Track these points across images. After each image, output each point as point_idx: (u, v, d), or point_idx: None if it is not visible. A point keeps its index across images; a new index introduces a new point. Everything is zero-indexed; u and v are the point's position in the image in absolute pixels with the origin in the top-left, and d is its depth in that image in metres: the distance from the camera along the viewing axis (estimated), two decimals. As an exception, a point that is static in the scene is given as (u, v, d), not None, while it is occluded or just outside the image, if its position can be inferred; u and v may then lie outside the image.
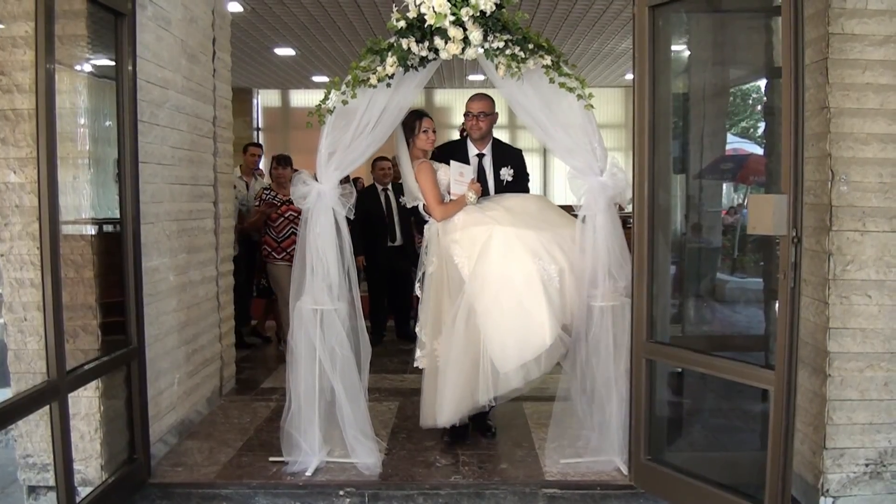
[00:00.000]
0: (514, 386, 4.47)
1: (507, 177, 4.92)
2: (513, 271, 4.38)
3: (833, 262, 3.75)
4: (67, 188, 3.86)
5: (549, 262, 4.37)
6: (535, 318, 4.32)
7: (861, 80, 3.71)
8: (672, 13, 4.21)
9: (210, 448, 4.85)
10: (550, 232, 4.46)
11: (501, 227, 4.45)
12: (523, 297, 4.35)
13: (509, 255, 4.39)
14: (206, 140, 5.55)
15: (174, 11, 4.88)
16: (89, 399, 3.97)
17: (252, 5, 9.64)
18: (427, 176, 4.68)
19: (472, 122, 4.93)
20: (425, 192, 4.69)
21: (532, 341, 4.34)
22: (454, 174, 4.70)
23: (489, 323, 4.39)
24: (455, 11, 3.95)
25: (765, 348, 4.27)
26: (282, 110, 17.64)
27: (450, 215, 4.64)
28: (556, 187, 16.82)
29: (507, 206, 4.63)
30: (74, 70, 4.01)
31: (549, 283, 4.34)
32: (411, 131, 4.73)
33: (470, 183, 4.70)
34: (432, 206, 4.65)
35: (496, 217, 4.52)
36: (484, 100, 4.95)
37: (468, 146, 5.00)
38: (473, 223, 4.56)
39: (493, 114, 4.95)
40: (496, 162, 4.96)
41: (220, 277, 5.83)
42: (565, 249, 4.41)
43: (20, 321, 3.90)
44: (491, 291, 4.39)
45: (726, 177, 5.31)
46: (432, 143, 4.78)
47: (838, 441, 3.81)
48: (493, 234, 4.45)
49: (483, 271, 4.42)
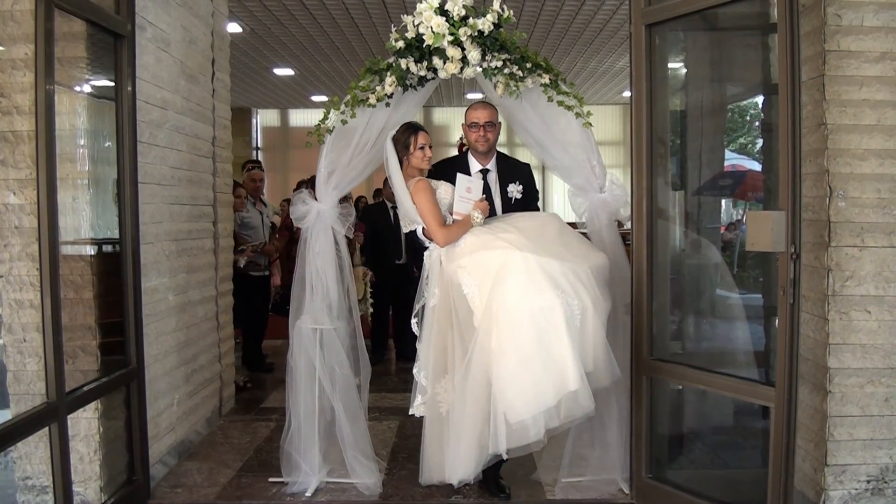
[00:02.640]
0: (533, 438, 3.80)
1: (515, 194, 4.43)
2: (533, 305, 3.77)
3: (832, 277, 3.75)
4: (67, 209, 3.87)
5: (573, 296, 3.79)
6: (556, 359, 3.73)
7: (858, 97, 3.72)
8: (669, 31, 4.23)
9: (209, 469, 4.83)
10: (573, 262, 3.91)
11: (521, 252, 3.85)
12: (543, 335, 3.75)
13: (530, 285, 3.80)
14: (205, 160, 5.56)
15: (173, 33, 4.91)
16: (89, 420, 3.96)
17: (251, 26, 9.68)
18: (425, 195, 4.14)
19: (477, 134, 4.38)
20: (424, 214, 4.14)
21: (552, 386, 3.73)
22: (460, 190, 4.17)
23: (503, 364, 3.77)
24: (453, 31, 3.97)
25: (765, 365, 4.26)
26: (281, 130, 17.68)
27: (454, 239, 4.09)
28: (555, 204, 16.83)
29: (522, 228, 4.08)
30: (74, 91, 4.02)
31: (572, 320, 3.76)
32: (405, 148, 4.21)
33: (476, 201, 4.18)
34: (433, 229, 4.11)
35: (512, 241, 3.94)
36: (488, 108, 4.41)
37: (469, 162, 4.47)
38: (484, 246, 3.99)
39: (499, 124, 4.46)
40: (502, 178, 4.46)
41: (220, 297, 5.83)
42: (587, 285, 3.87)
43: (19, 342, 3.89)
44: (507, 327, 3.78)
45: (725, 193, 5.32)
46: (429, 160, 4.26)
47: (839, 457, 3.79)
48: (509, 261, 3.86)
49: (497, 304, 3.81)
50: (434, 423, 4.14)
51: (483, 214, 4.15)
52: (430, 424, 4.16)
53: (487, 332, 3.82)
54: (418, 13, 4.01)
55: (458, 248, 4.09)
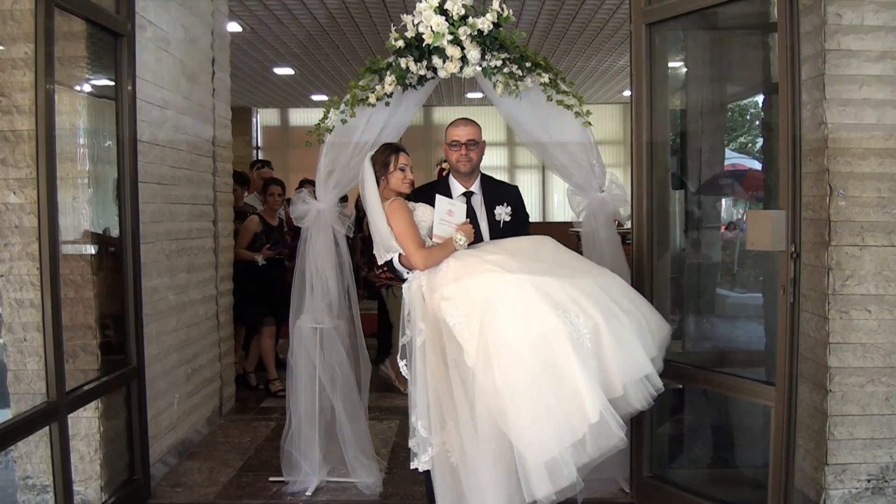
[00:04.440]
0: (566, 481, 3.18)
1: (504, 216, 4.03)
2: (533, 332, 3.27)
3: (832, 276, 3.75)
4: (67, 208, 3.87)
5: (579, 314, 3.27)
6: (569, 391, 3.20)
7: (858, 96, 3.72)
8: (668, 30, 4.23)
9: (210, 468, 4.83)
10: (573, 279, 3.43)
11: (512, 275, 3.38)
12: (550, 364, 3.23)
13: (527, 310, 3.30)
14: (205, 159, 5.56)
15: (174, 32, 4.91)
16: (89, 419, 3.97)
17: (251, 25, 9.67)
18: (402, 215, 3.70)
19: (458, 153, 4.00)
20: (401, 235, 3.68)
21: (571, 420, 3.18)
22: (440, 212, 3.77)
23: (513, 403, 3.23)
24: (453, 31, 3.97)
25: (766, 364, 4.26)
26: (281, 129, 17.65)
27: (435, 262, 3.63)
28: (554, 204, 16.83)
29: (511, 250, 3.63)
30: (74, 91, 4.02)
31: (580, 342, 3.23)
32: (384, 167, 3.83)
33: (459, 224, 3.76)
34: (411, 251, 3.64)
35: (500, 263, 3.47)
36: (471, 125, 4.05)
37: (451, 185, 4.09)
38: (469, 271, 3.50)
39: (483, 142, 4.09)
40: (488, 200, 4.07)
41: (220, 296, 5.83)
42: (596, 299, 3.36)
43: (20, 342, 3.90)
44: (508, 362, 3.26)
45: (725, 192, 5.32)
46: (410, 183, 3.85)
47: (840, 457, 3.79)
48: (499, 287, 3.37)
49: (493, 338, 3.29)
50: (445, 476, 3.56)
51: (467, 238, 3.69)
52: (442, 478, 3.58)
53: (486, 371, 3.28)
54: (418, 12, 4.01)
55: (439, 273, 3.61)
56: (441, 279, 3.58)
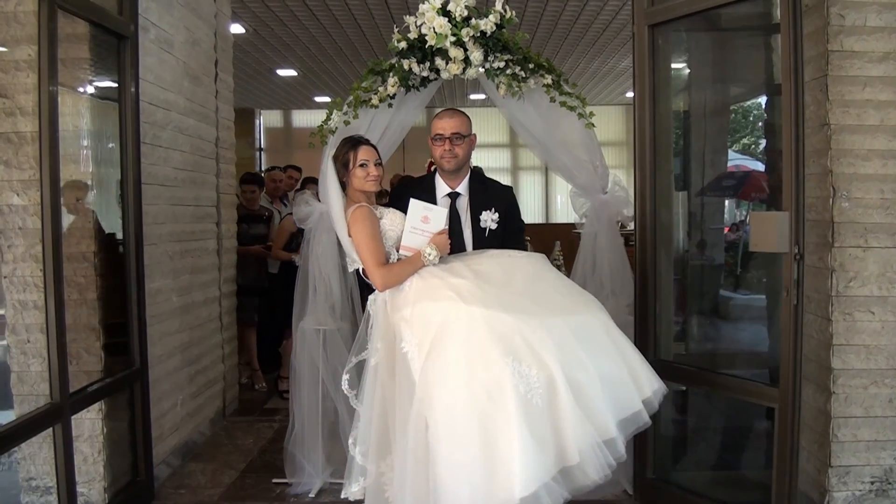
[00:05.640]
0: None
1: (489, 223, 3.68)
2: (474, 378, 2.87)
3: (836, 278, 3.75)
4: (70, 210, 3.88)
5: (531, 364, 2.84)
6: (498, 455, 2.77)
7: (861, 97, 3.72)
8: (671, 31, 4.23)
9: (213, 470, 4.83)
10: (542, 318, 2.99)
11: (466, 305, 3.01)
12: (487, 423, 2.80)
13: (472, 351, 2.92)
14: (208, 161, 5.57)
15: (176, 34, 4.91)
16: (92, 421, 3.97)
17: (254, 27, 9.68)
18: (363, 225, 3.35)
19: (442, 148, 3.67)
20: (360, 249, 3.36)
21: (492, 491, 2.76)
22: (413, 219, 3.38)
23: (437, 460, 2.85)
24: (456, 32, 3.97)
25: (769, 365, 4.26)
26: (284, 130, 17.67)
27: (396, 281, 3.29)
28: (558, 205, 16.82)
29: (481, 271, 3.24)
30: (77, 92, 4.03)
31: (527, 397, 2.80)
32: (344, 167, 3.50)
33: (435, 234, 3.38)
34: (370, 267, 3.32)
35: (460, 289, 3.10)
36: (457, 116, 3.72)
37: (436, 183, 3.78)
38: (428, 295, 3.18)
39: (471, 136, 3.76)
40: (475, 203, 3.72)
41: (223, 298, 5.84)
42: (560, 346, 2.92)
43: (23, 343, 3.90)
44: (441, 411, 2.89)
45: (728, 193, 5.31)
46: (375, 181, 3.50)
47: (843, 459, 3.79)
48: (451, 317, 3.02)
49: (434, 376, 2.95)
50: None
51: (440, 251, 3.33)
52: None
53: (420, 414, 2.95)
54: (421, 14, 4.01)
55: (402, 293, 3.28)
56: (403, 299, 3.25)
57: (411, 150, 8.15)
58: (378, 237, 3.37)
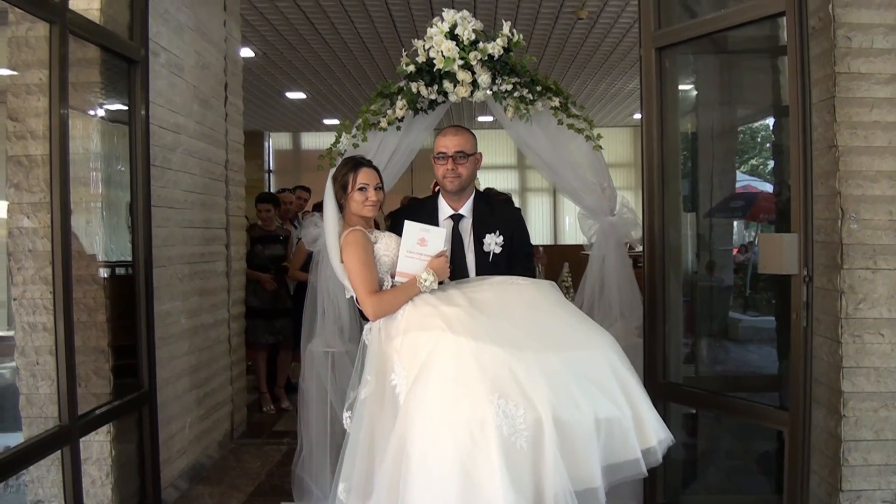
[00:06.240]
0: None
1: (493, 247, 3.50)
2: (457, 416, 2.69)
3: (845, 300, 3.73)
4: (80, 232, 3.90)
5: (519, 403, 2.66)
6: (482, 497, 2.60)
7: (869, 119, 3.72)
8: (679, 54, 4.24)
9: (221, 493, 4.82)
10: (537, 352, 2.80)
11: (453, 336, 2.84)
12: (468, 464, 2.62)
13: (456, 385, 2.74)
14: (218, 183, 5.60)
15: (187, 58, 4.95)
16: (101, 443, 3.97)
17: (264, 50, 9.76)
18: (355, 250, 3.20)
19: (444, 167, 3.51)
20: (351, 275, 3.22)
21: None
22: (409, 243, 3.19)
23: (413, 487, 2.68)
24: (463, 55, 3.99)
25: (779, 388, 4.23)
26: (293, 153, 17.76)
27: (388, 310, 3.13)
28: (566, 227, 16.83)
29: (477, 300, 3.06)
30: (88, 116, 4.06)
31: (512, 441, 2.61)
32: (343, 190, 3.37)
33: (433, 257, 3.20)
34: (361, 296, 3.18)
35: (451, 318, 2.92)
36: (461, 134, 3.58)
37: (439, 205, 3.63)
38: (419, 324, 3.01)
39: (475, 154, 3.61)
40: (478, 226, 3.55)
41: (232, 321, 5.85)
42: (554, 385, 2.72)
43: (32, 365, 3.90)
44: (420, 449, 2.70)
45: (736, 215, 5.31)
46: (374, 206, 3.35)
47: (854, 483, 3.75)
48: (438, 348, 2.85)
49: (415, 409, 2.78)
50: None
51: (436, 276, 3.15)
52: None
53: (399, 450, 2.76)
54: (429, 38, 4.03)
55: (395, 321, 3.11)
56: (395, 328, 3.08)
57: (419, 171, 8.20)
58: (371, 263, 3.21)
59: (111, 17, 3.94)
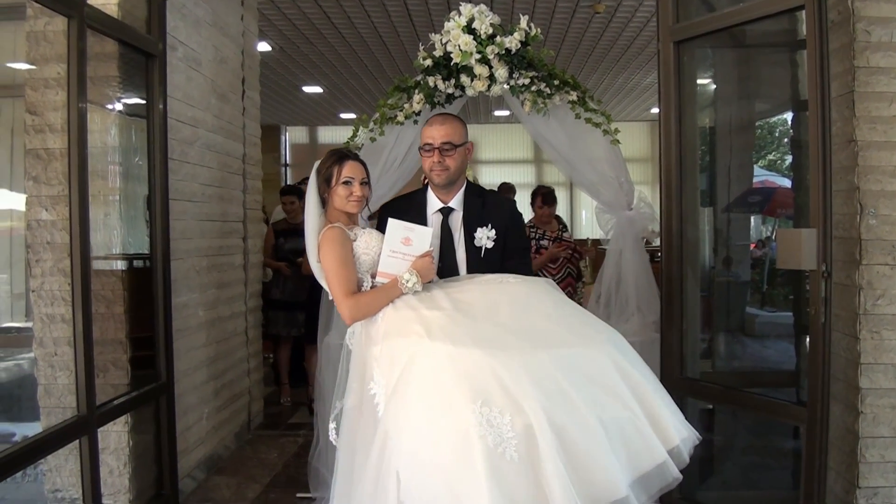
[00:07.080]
0: None
1: (485, 241, 3.22)
2: (437, 428, 2.46)
3: (863, 296, 3.71)
4: (98, 225, 3.92)
5: (505, 410, 2.38)
6: None
7: (888, 113, 3.69)
8: (697, 48, 4.22)
9: (238, 484, 4.84)
10: (524, 353, 2.53)
11: (430, 341, 2.61)
12: (453, 481, 2.38)
13: (434, 394, 2.52)
14: (235, 177, 5.62)
15: (204, 52, 4.97)
16: (118, 434, 4.00)
17: (281, 45, 9.77)
18: (332, 247, 2.95)
19: (431, 159, 3.21)
20: (328, 275, 2.97)
21: None
22: (392, 241, 2.96)
23: None
24: (481, 49, 3.99)
25: (796, 384, 4.21)
26: (310, 146, 17.78)
27: (366, 313, 2.90)
28: (583, 221, 16.78)
29: (462, 300, 2.82)
30: (106, 109, 4.08)
31: (498, 451, 2.34)
32: (327, 183, 3.09)
33: (417, 257, 2.96)
34: (337, 297, 2.94)
35: (431, 322, 2.69)
36: (448, 122, 3.25)
37: (428, 197, 3.34)
38: (398, 329, 2.77)
39: (464, 144, 3.26)
40: (469, 219, 3.27)
41: (249, 313, 5.87)
42: (547, 387, 2.44)
43: (51, 356, 3.93)
44: (405, 469, 2.50)
45: (754, 210, 5.28)
46: (358, 202, 3.09)
47: (871, 479, 3.73)
48: (417, 355, 2.61)
49: (392, 422, 2.58)
50: None
51: (420, 277, 2.90)
52: None
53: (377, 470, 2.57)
54: (446, 32, 4.03)
55: (375, 324, 2.89)
56: (375, 333, 2.86)
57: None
58: (349, 262, 2.95)
59: (129, 11, 3.96)
